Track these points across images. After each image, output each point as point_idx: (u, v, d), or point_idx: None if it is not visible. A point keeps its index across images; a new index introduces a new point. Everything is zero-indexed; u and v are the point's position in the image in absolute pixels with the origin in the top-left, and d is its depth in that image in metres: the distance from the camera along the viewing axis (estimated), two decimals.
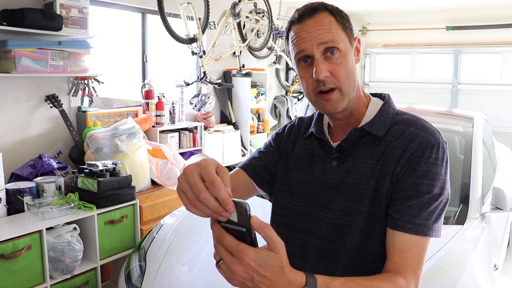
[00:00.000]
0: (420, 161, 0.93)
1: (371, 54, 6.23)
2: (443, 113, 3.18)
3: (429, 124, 1.00)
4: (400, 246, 0.91)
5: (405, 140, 0.96)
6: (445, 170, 0.95)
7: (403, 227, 0.91)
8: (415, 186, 0.93)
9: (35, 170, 2.72)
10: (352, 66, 0.98)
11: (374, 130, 0.99)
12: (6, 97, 2.85)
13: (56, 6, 2.83)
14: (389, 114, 1.03)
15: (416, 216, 0.91)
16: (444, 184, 0.94)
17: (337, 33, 0.96)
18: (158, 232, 2.24)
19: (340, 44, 0.95)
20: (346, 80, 0.96)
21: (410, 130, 0.97)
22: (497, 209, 2.16)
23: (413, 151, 0.94)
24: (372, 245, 0.97)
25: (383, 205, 0.95)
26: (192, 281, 1.89)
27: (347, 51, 0.97)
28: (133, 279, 2.03)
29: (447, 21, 5.61)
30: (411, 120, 1.00)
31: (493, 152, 3.07)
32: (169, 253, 2.04)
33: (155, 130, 3.52)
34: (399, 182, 0.94)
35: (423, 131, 0.96)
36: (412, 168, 0.93)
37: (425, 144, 0.94)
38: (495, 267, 1.93)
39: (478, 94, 5.57)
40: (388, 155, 0.96)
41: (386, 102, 1.05)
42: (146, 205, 3.05)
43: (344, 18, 0.98)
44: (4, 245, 2.13)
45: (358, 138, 1.01)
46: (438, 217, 0.94)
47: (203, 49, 3.67)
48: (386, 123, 1.01)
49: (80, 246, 2.42)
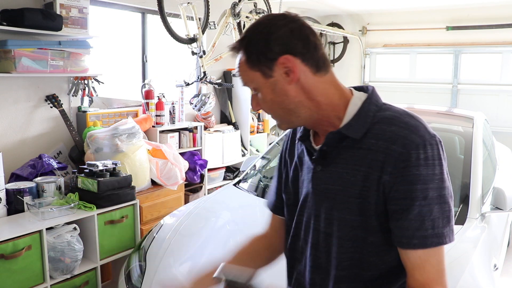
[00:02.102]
0: (408, 165, 0.85)
1: (371, 54, 6.23)
2: (443, 113, 3.18)
3: (413, 119, 0.90)
4: (416, 262, 0.86)
5: (387, 142, 0.87)
6: (440, 168, 0.87)
7: (409, 244, 0.86)
8: (409, 193, 0.85)
9: (35, 170, 2.72)
10: (273, 98, 0.92)
11: (351, 132, 0.91)
12: (6, 97, 2.85)
13: (56, 6, 2.82)
14: (370, 111, 0.93)
15: (419, 228, 0.85)
16: (442, 183, 0.87)
17: (246, 74, 0.93)
18: (158, 232, 2.24)
19: (252, 84, 0.93)
20: (271, 112, 0.95)
21: (391, 130, 0.88)
22: (497, 209, 2.16)
23: (397, 155, 0.85)
24: (366, 254, 0.92)
25: (373, 215, 0.89)
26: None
27: (260, 87, 0.92)
28: (133, 279, 2.03)
29: (447, 21, 5.61)
30: (392, 117, 0.91)
31: (493, 152, 3.07)
32: (169, 253, 2.04)
33: (155, 130, 3.52)
34: (392, 192, 0.86)
35: (406, 130, 0.87)
36: (401, 174, 0.85)
37: (409, 145, 0.85)
38: (495, 267, 1.93)
39: (478, 94, 5.57)
40: (372, 161, 0.88)
41: (368, 98, 0.95)
42: (146, 205, 3.06)
43: (253, 51, 0.90)
44: (4, 245, 2.12)
45: (338, 141, 0.94)
46: (447, 220, 0.86)
47: (203, 49, 3.67)
48: (366, 122, 0.91)
49: (80, 246, 2.42)
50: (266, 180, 2.76)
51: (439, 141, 0.88)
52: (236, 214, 2.44)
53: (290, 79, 0.90)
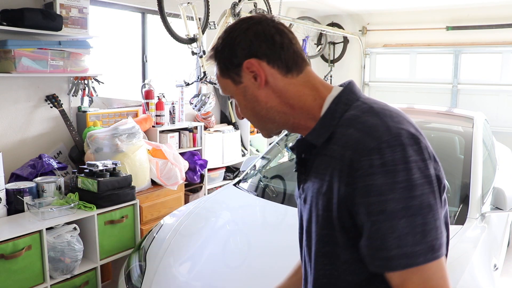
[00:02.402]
0: (361, 174, 0.73)
1: (371, 54, 6.23)
2: (443, 113, 3.19)
3: (374, 118, 0.78)
4: (395, 283, 0.74)
5: (341, 148, 0.78)
6: (405, 173, 0.72)
7: (373, 266, 0.75)
8: (364, 208, 0.73)
9: (35, 170, 2.72)
10: (246, 105, 0.90)
11: (314, 138, 0.84)
12: (6, 97, 2.85)
13: (56, 6, 2.82)
14: (336, 112, 0.83)
15: (380, 248, 0.72)
16: (409, 191, 0.71)
17: (220, 82, 0.91)
18: (158, 232, 2.24)
19: (226, 91, 0.91)
20: (248, 118, 0.92)
21: (348, 133, 0.78)
22: (497, 209, 2.16)
23: (349, 162, 0.75)
24: (342, 272, 0.81)
25: (338, 229, 0.79)
26: (191, 282, 1.89)
27: (234, 94, 0.90)
28: (133, 279, 2.03)
29: (447, 21, 5.61)
30: (353, 118, 0.80)
31: (493, 152, 3.07)
32: (169, 253, 2.04)
33: (155, 130, 3.52)
34: (353, 206, 0.75)
35: (361, 132, 0.76)
36: (356, 186, 0.74)
37: (360, 150, 0.74)
38: (495, 267, 1.93)
39: (478, 94, 5.57)
40: (333, 169, 0.79)
41: (337, 97, 0.85)
42: (146, 205, 3.06)
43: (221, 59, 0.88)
44: (4, 245, 2.12)
45: (308, 148, 0.87)
46: (421, 235, 0.71)
47: (203, 49, 3.66)
48: (330, 125, 0.82)
49: (80, 246, 2.42)
50: (266, 180, 2.76)
51: (410, 139, 0.75)
52: (236, 214, 2.44)
53: (258, 84, 0.86)
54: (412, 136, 0.75)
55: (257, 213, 2.45)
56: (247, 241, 2.10)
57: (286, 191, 2.60)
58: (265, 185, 2.67)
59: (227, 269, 1.90)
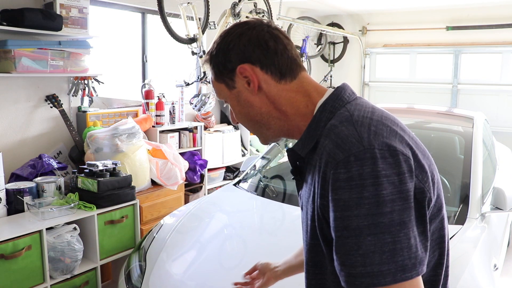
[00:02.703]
0: (330, 187, 0.72)
1: (371, 54, 6.23)
2: (443, 113, 3.19)
3: (349, 127, 0.75)
4: None
5: (319, 160, 0.76)
6: (374, 188, 0.68)
7: (341, 280, 0.71)
8: (332, 223, 0.72)
9: (35, 170, 2.72)
10: (240, 110, 0.89)
11: (299, 149, 0.84)
12: (6, 97, 2.85)
13: (56, 6, 2.83)
14: (321, 121, 0.81)
15: (345, 264, 0.70)
16: (378, 208, 0.67)
17: (215, 87, 0.91)
18: (158, 232, 2.24)
19: (220, 96, 0.91)
20: (242, 123, 0.92)
21: (324, 144, 0.76)
22: (497, 209, 2.16)
23: (323, 175, 0.74)
24: (331, 283, 0.81)
25: (322, 240, 0.78)
26: (186, 281, 1.88)
27: (228, 99, 0.91)
28: (133, 279, 2.03)
29: (447, 21, 5.61)
30: (331, 128, 0.77)
31: (493, 152, 3.07)
32: (166, 252, 2.05)
33: (155, 130, 3.52)
34: (328, 217, 0.75)
35: (332, 143, 0.74)
36: (326, 199, 0.73)
37: (330, 163, 0.72)
38: (495, 267, 1.94)
39: (478, 94, 5.57)
40: (315, 181, 0.78)
41: (323, 104, 0.83)
42: (146, 205, 3.06)
43: (216, 63, 0.88)
44: (4, 245, 2.13)
45: (298, 157, 0.87)
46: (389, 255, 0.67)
47: (203, 49, 3.66)
48: (314, 135, 0.81)
49: (80, 246, 2.42)
50: (266, 180, 2.76)
51: (385, 152, 0.70)
52: (235, 214, 2.44)
53: (252, 89, 0.86)
54: (388, 148, 0.71)
55: (256, 213, 2.45)
56: (244, 241, 2.10)
57: (286, 191, 2.60)
58: (265, 185, 2.67)
59: (222, 269, 1.89)
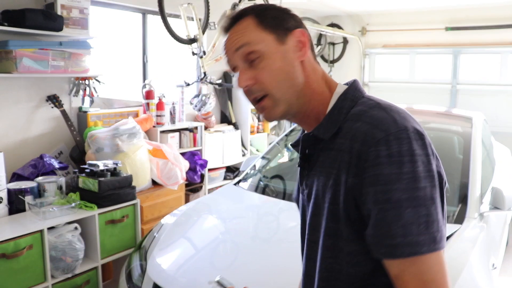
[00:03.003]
0: (368, 164, 0.76)
1: (371, 55, 6.24)
2: (442, 113, 3.20)
3: (381, 112, 0.81)
4: (394, 272, 0.77)
5: (350, 140, 0.80)
6: (411, 165, 0.75)
7: (378, 253, 0.77)
8: (371, 197, 0.76)
9: (36, 170, 2.73)
10: (281, 67, 0.86)
11: (321, 133, 0.86)
12: (7, 97, 2.86)
13: (57, 7, 2.83)
14: (343, 108, 0.86)
15: (386, 236, 0.74)
16: (415, 183, 0.74)
17: (254, 35, 0.86)
18: (159, 231, 2.25)
19: (258, 46, 0.85)
20: (274, 83, 0.86)
21: (356, 126, 0.81)
22: (496, 208, 2.17)
23: (358, 154, 0.78)
24: (344, 265, 0.84)
25: (344, 221, 0.81)
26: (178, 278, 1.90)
27: (270, 52, 0.85)
28: (134, 279, 2.04)
29: (446, 21, 5.62)
30: (361, 112, 0.83)
31: (492, 152, 3.08)
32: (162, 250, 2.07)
33: (156, 130, 3.53)
34: (360, 196, 0.78)
35: (369, 125, 0.79)
36: (362, 175, 0.77)
37: (368, 141, 0.77)
38: (493, 267, 1.95)
39: (477, 95, 5.58)
40: (341, 162, 0.81)
41: (344, 93, 0.88)
42: (146, 205, 3.07)
43: (269, 16, 0.87)
44: (5, 244, 2.14)
45: (314, 143, 0.89)
46: (425, 226, 0.73)
47: (203, 50, 3.67)
48: (337, 120, 0.85)
49: (81, 246, 2.44)
50: (266, 180, 2.77)
51: (416, 135, 0.77)
52: (234, 210, 2.45)
53: (302, 53, 0.87)
54: (417, 131, 0.78)
55: (255, 211, 2.47)
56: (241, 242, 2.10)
57: (286, 190, 2.61)
58: (265, 185, 2.68)
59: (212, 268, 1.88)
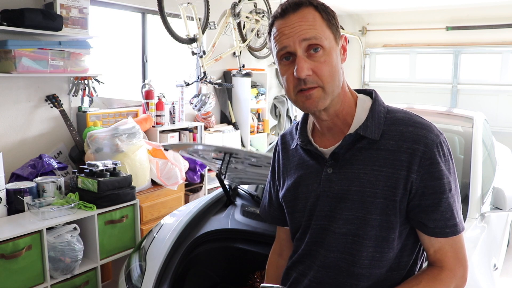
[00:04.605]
0: (433, 162, 0.93)
1: (371, 54, 6.23)
2: (443, 113, 3.19)
3: (423, 119, 0.99)
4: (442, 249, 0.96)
5: (409, 142, 0.94)
6: (452, 162, 0.97)
7: (442, 233, 0.95)
8: (438, 188, 0.93)
9: (35, 170, 2.72)
10: (336, 65, 0.94)
11: (370, 133, 0.96)
12: (7, 97, 2.85)
13: (56, 6, 2.83)
14: (381, 113, 0.99)
15: (450, 218, 0.94)
16: (455, 175, 0.98)
17: (322, 30, 0.91)
18: (158, 232, 2.24)
19: (324, 42, 0.91)
20: (330, 79, 0.92)
21: (409, 130, 0.95)
22: (497, 209, 2.16)
23: (421, 154, 0.93)
24: (386, 252, 0.97)
25: (397, 213, 0.95)
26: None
27: (331, 49, 0.93)
28: (133, 279, 2.03)
29: (446, 21, 5.61)
30: (407, 119, 0.98)
31: (493, 152, 3.07)
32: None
33: (155, 130, 3.53)
34: (420, 188, 0.93)
35: (423, 130, 0.95)
36: (428, 172, 0.93)
37: (430, 144, 0.93)
38: (494, 267, 1.94)
39: (478, 94, 5.57)
40: (394, 161, 0.94)
41: (375, 100, 1.01)
42: (146, 205, 3.06)
43: (330, 15, 0.94)
44: (4, 245, 2.13)
45: (353, 142, 0.97)
46: (460, 209, 0.98)
47: (203, 49, 3.67)
48: (380, 123, 0.97)
49: (80, 246, 2.43)
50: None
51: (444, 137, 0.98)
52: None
53: (344, 57, 0.98)
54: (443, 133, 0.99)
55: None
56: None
57: None
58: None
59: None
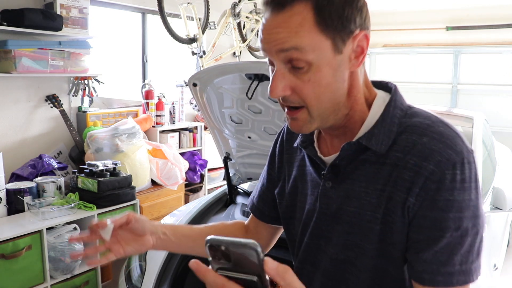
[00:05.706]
0: (441, 187, 0.67)
1: (371, 54, 6.23)
2: (443, 113, 3.18)
3: (448, 128, 0.72)
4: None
5: (417, 157, 0.69)
6: (476, 192, 0.69)
7: (431, 281, 0.69)
8: (439, 223, 0.68)
9: (36, 170, 2.72)
10: (329, 84, 0.69)
11: (374, 144, 0.73)
12: (7, 97, 2.85)
13: (56, 6, 2.83)
14: (395, 117, 0.74)
15: (446, 263, 0.68)
16: (478, 210, 0.69)
17: (309, 37, 0.66)
18: None
19: (310, 55, 0.67)
20: (315, 101, 0.70)
21: (422, 142, 0.70)
22: (497, 209, 2.16)
23: (428, 174, 0.68)
24: (386, 287, 0.77)
25: (394, 242, 0.73)
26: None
27: (322, 63, 0.68)
28: (133, 279, 2.03)
29: (447, 21, 5.61)
30: (424, 126, 0.72)
31: (493, 152, 3.07)
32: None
33: (155, 130, 3.53)
34: (417, 218, 0.70)
35: (440, 143, 0.69)
36: (431, 199, 0.68)
37: (444, 163, 0.67)
38: (494, 267, 1.94)
39: (478, 94, 5.57)
40: (397, 179, 0.71)
41: (392, 100, 0.76)
42: (146, 205, 3.06)
43: (333, 11, 0.67)
44: (4, 245, 2.13)
45: (356, 153, 0.75)
46: (477, 254, 0.69)
47: (203, 49, 3.67)
48: (391, 131, 0.73)
49: (80, 246, 2.42)
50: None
51: (473, 157, 0.70)
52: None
53: (356, 62, 0.71)
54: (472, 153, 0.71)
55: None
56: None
57: None
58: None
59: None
